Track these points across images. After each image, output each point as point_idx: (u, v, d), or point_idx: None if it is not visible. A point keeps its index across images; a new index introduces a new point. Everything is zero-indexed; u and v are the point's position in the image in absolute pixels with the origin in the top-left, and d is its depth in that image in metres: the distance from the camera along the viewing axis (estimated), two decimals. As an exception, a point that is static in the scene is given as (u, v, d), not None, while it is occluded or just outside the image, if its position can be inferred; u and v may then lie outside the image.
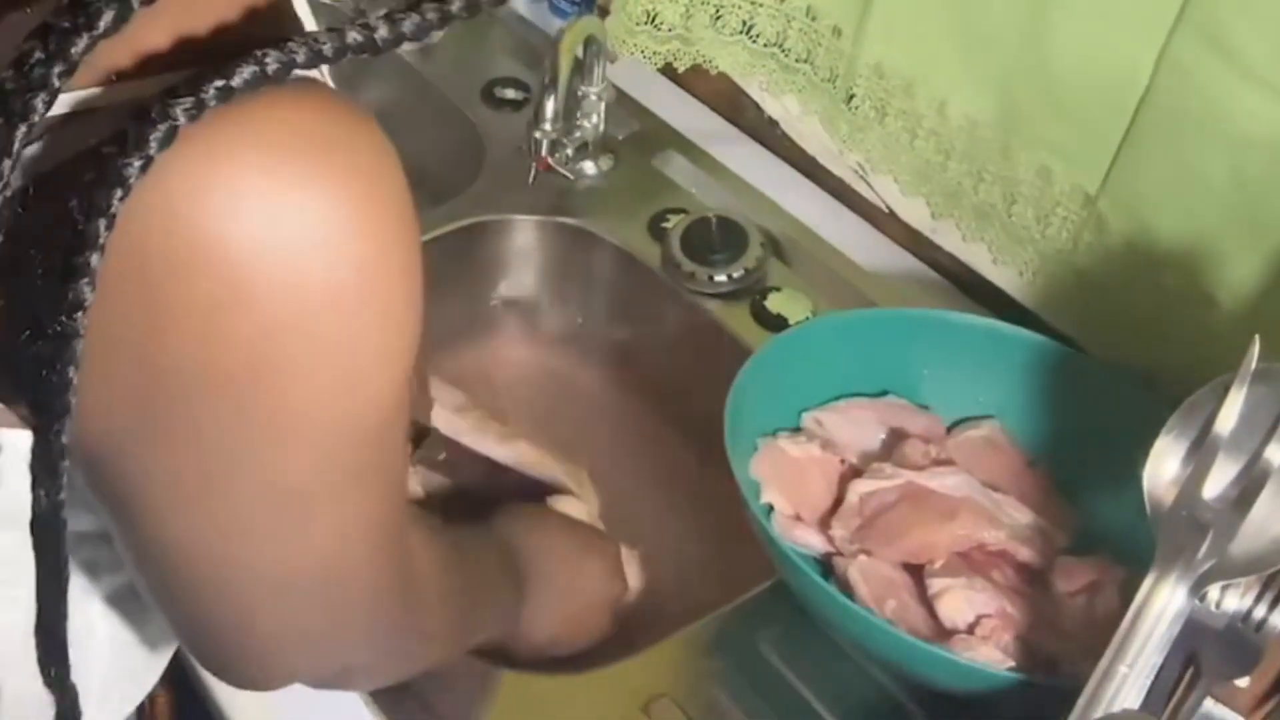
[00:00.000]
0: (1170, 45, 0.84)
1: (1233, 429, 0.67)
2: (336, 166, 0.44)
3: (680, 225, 1.12)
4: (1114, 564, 0.84)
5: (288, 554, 0.52)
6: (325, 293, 0.44)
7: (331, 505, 0.51)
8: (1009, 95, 0.97)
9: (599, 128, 1.19)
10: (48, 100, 0.41)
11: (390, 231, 0.46)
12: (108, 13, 0.41)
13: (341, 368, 0.46)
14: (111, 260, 0.41)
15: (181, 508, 0.49)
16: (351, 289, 0.45)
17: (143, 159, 0.40)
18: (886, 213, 1.13)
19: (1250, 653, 0.64)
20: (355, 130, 0.46)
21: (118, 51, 0.43)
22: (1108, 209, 0.93)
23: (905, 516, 0.84)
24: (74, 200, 0.41)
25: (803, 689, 0.82)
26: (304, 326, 0.45)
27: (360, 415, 0.48)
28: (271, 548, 0.51)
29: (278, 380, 0.45)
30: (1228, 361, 0.68)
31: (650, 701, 0.80)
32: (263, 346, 0.44)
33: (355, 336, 0.46)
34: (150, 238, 0.42)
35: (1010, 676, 0.73)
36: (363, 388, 0.48)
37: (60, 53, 0.40)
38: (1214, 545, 0.65)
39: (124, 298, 0.43)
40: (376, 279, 0.46)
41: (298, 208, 0.43)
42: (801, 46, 1.13)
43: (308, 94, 0.45)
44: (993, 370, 0.93)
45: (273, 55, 0.43)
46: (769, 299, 1.08)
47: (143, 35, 0.43)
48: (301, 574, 0.53)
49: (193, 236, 0.42)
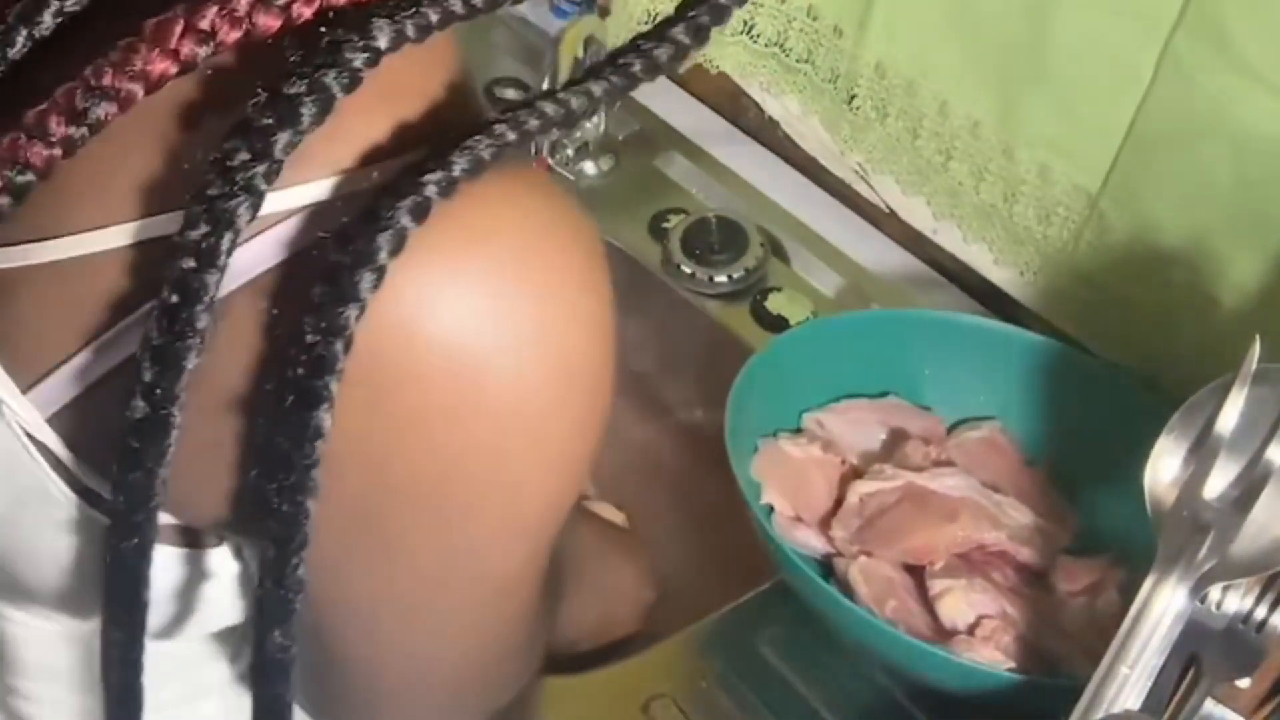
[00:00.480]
0: (1170, 45, 0.84)
1: (1234, 429, 0.67)
2: (557, 266, 0.43)
3: (680, 225, 1.12)
4: (1114, 565, 0.84)
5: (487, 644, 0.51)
6: (553, 393, 0.44)
7: (511, 600, 0.50)
8: (1010, 95, 0.96)
9: (599, 128, 1.19)
10: (255, 205, 0.38)
11: (606, 329, 0.45)
12: (310, 104, 0.38)
13: (563, 465, 0.46)
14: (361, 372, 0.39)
15: (391, 614, 0.48)
16: (575, 383, 0.44)
17: (376, 271, 0.38)
18: (887, 213, 1.13)
19: (1251, 654, 0.64)
20: (573, 224, 0.44)
21: (325, 143, 0.40)
22: (1109, 208, 0.92)
23: (906, 517, 0.84)
24: (308, 319, 0.38)
25: (803, 689, 0.81)
26: (532, 429, 0.44)
27: (565, 506, 0.48)
28: (471, 639, 0.51)
29: (510, 481, 0.44)
30: (1229, 361, 0.68)
31: (650, 701, 0.80)
32: (496, 450, 0.43)
33: (575, 433, 0.46)
34: (380, 348, 0.40)
35: (1011, 677, 0.73)
36: (573, 480, 0.47)
37: (265, 152, 0.38)
38: (1215, 546, 0.64)
39: (353, 411, 0.40)
40: (592, 377, 0.45)
41: (524, 311, 0.42)
42: (802, 46, 1.13)
43: (521, 185, 0.43)
44: (993, 370, 0.93)
45: (485, 140, 0.40)
46: (769, 299, 1.08)
47: (348, 124, 0.40)
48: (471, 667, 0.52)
49: (424, 345, 0.40)
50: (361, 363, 0.39)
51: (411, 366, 0.41)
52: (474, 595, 0.49)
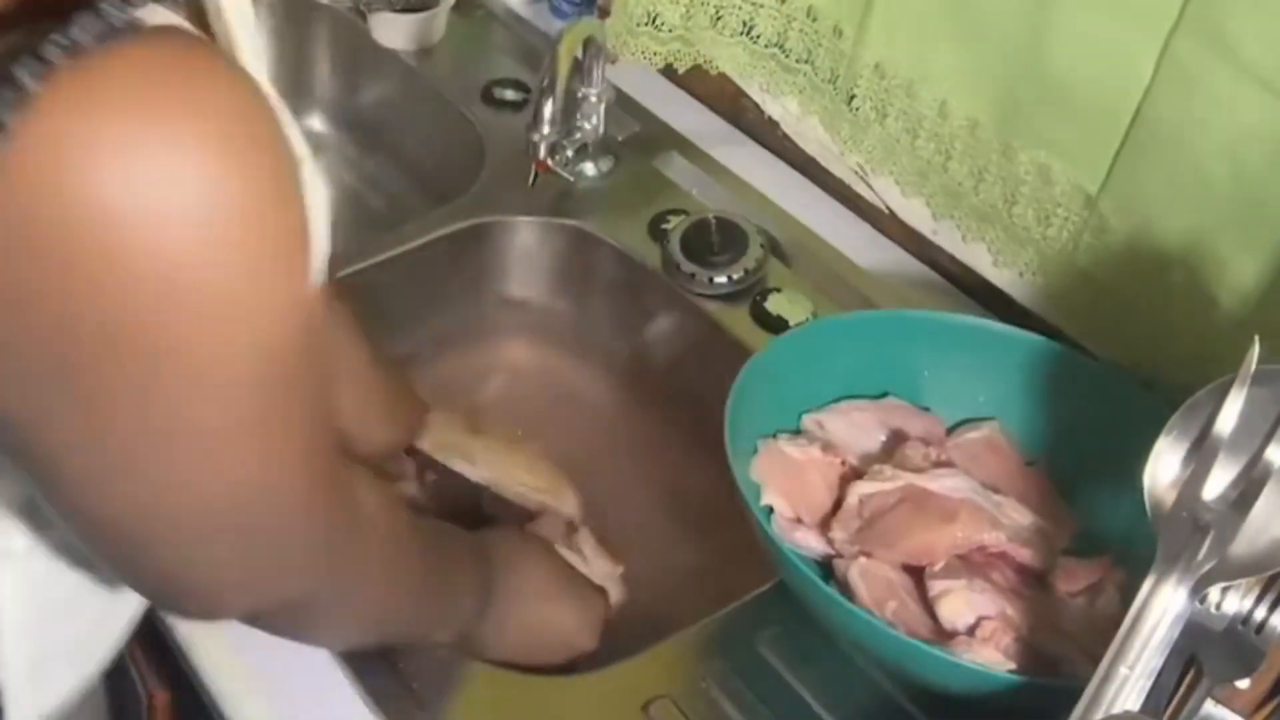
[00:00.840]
0: (1170, 45, 0.84)
1: (1233, 430, 0.67)
2: (194, 114, 0.44)
3: (680, 226, 1.12)
4: (1114, 565, 0.84)
5: (210, 493, 0.53)
6: (203, 237, 0.45)
7: (249, 441, 0.52)
8: (1009, 95, 0.96)
9: (599, 129, 1.19)
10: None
11: (261, 168, 0.46)
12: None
13: (234, 308, 0.47)
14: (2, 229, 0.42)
15: (101, 463, 0.50)
16: (229, 230, 0.46)
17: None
18: (887, 213, 1.13)
19: (1251, 654, 0.64)
20: (210, 71, 0.46)
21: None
22: (1108, 209, 0.92)
23: (905, 518, 0.84)
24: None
25: (802, 690, 0.82)
26: (189, 273, 0.45)
27: (261, 351, 0.49)
28: (193, 489, 0.52)
29: (176, 327, 0.46)
30: (1228, 362, 0.68)
31: (649, 702, 0.80)
32: (155, 296, 0.45)
33: (241, 276, 0.47)
34: (30, 205, 0.42)
35: (1010, 678, 0.73)
36: (259, 325, 0.48)
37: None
38: (1214, 547, 0.64)
39: (14, 265, 0.43)
40: (250, 217, 0.46)
41: (164, 160, 0.43)
42: (802, 47, 1.13)
43: (158, 41, 0.45)
44: (993, 371, 0.93)
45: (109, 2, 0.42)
46: (769, 300, 1.08)
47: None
48: (230, 510, 0.54)
49: (66, 201, 0.42)
50: (19, 221, 0.42)
51: (57, 221, 0.43)
52: (184, 446, 0.50)
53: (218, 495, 0.53)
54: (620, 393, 1.18)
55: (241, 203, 0.46)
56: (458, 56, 1.35)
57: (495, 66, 1.33)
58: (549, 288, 1.21)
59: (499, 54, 1.36)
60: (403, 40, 1.34)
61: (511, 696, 0.81)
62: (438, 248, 1.14)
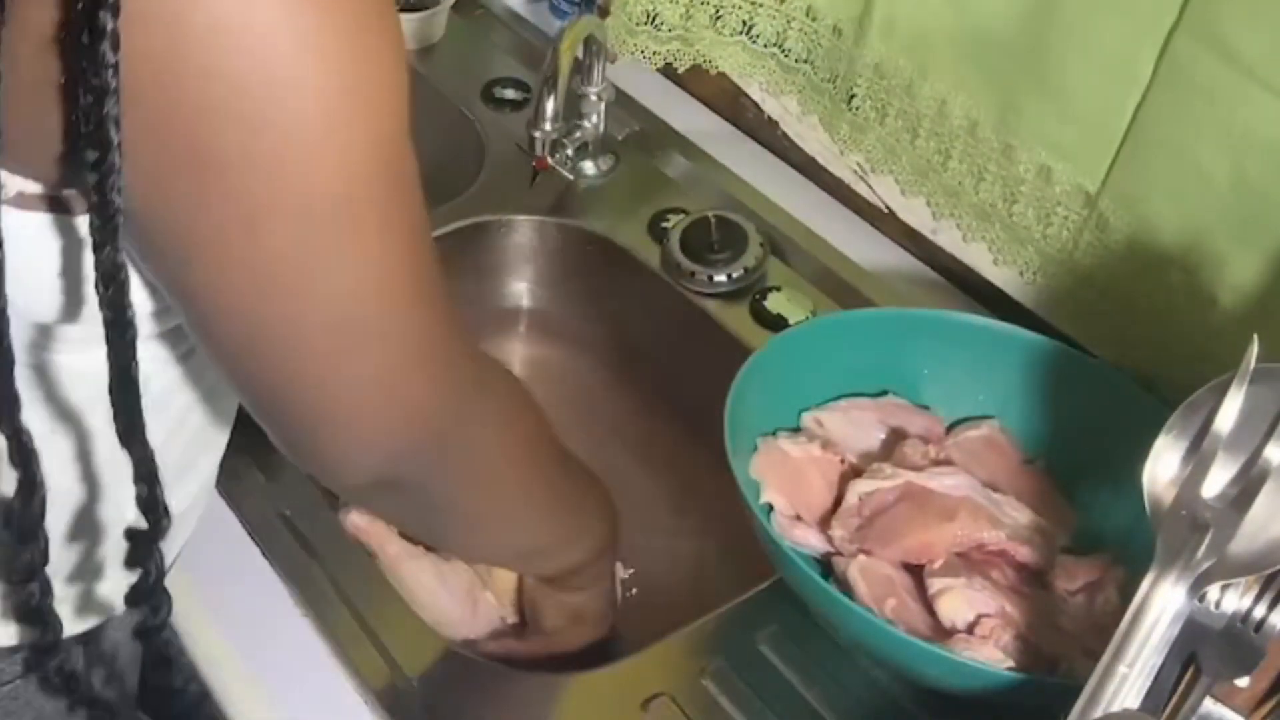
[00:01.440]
0: (1170, 45, 0.84)
1: (1232, 429, 0.67)
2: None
3: (680, 225, 1.12)
4: (1113, 563, 0.84)
5: (340, 286, 0.55)
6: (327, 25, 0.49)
7: (369, 218, 0.55)
8: (1009, 95, 0.97)
9: (599, 128, 1.19)
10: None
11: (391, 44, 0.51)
12: None
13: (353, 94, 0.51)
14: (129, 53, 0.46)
15: (225, 264, 0.53)
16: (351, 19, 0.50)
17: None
18: (886, 213, 1.13)
19: (1250, 652, 0.64)
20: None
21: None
22: (1108, 208, 0.93)
23: (905, 516, 0.84)
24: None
25: (802, 689, 0.82)
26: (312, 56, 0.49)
27: (374, 139, 0.53)
28: (327, 278, 0.55)
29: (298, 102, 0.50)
30: (1228, 361, 0.68)
31: (649, 701, 0.80)
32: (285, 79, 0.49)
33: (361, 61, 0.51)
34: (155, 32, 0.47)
35: (1010, 676, 0.73)
36: (374, 112, 0.52)
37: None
38: (1213, 545, 0.64)
39: (142, 81, 0.47)
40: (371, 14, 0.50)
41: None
42: (801, 47, 1.13)
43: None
44: (993, 370, 0.93)
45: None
46: (769, 299, 1.08)
47: None
48: (357, 305, 0.57)
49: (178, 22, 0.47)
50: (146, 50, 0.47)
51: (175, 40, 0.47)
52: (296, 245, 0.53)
53: (346, 289, 0.56)
54: (619, 391, 1.18)
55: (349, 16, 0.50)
56: (458, 56, 1.35)
57: (495, 66, 1.33)
58: (549, 286, 1.22)
59: (499, 53, 1.36)
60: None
61: (512, 694, 0.82)
62: (438, 246, 1.13)
